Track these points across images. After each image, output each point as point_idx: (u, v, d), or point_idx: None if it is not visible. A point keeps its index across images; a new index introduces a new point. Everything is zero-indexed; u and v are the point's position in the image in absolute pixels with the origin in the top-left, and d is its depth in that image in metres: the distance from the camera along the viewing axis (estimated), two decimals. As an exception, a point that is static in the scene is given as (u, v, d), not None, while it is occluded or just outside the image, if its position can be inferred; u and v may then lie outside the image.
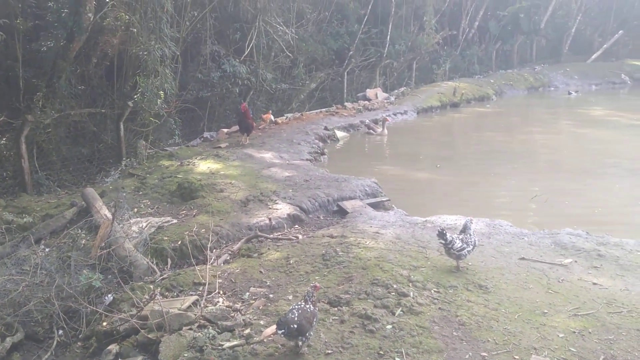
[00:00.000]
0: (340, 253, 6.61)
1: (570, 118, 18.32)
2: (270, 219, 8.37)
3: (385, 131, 15.45)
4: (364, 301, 5.40)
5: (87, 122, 13.71)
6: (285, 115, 18.47)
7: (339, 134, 15.20)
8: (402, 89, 22.65)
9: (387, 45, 24.61)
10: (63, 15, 13.06)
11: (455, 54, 27.97)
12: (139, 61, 13.54)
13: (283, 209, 8.62)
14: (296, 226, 8.39)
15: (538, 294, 5.57)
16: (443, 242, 5.94)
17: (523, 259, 6.42)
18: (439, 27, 26.88)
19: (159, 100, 13.40)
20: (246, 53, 18.31)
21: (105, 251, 7.36)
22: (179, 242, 7.75)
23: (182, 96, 16.69)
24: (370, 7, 23.77)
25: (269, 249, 7.23)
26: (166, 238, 7.86)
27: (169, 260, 7.65)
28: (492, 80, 24.89)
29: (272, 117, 17.18)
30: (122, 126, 13.36)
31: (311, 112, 19.05)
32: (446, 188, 10.53)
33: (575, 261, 6.31)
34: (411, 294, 5.51)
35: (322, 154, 12.99)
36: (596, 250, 6.50)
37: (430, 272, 6.04)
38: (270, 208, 8.69)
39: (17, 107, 12.69)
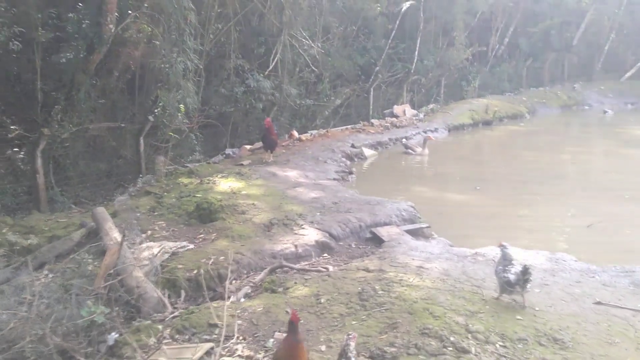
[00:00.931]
0: (380, 292, 5.60)
1: (611, 137, 17.09)
2: (296, 246, 7.40)
3: (427, 151, 14.38)
4: (415, 357, 4.37)
5: (107, 136, 13.00)
6: (310, 132, 17.56)
7: (367, 152, 14.21)
8: (431, 105, 21.63)
9: (414, 60, 23.64)
10: (84, 26, 12.37)
11: (484, 71, 26.88)
12: (161, 74, 12.83)
13: (310, 234, 7.64)
14: (325, 255, 7.40)
15: (627, 351, 4.50)
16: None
17: (600, 303, 5.34)
18: (468, 43, 25.85)
19: (180, 114, 12.65)
20: (270, 67, 17.52)
21: (110, 282, 6.44)
22: (195, 272, 6.80)
23: (205, 111, 15.91)
24: (398, 22, 22.86)
25: (295, 282, 6.24)
26: (180, 266, 6.93)
27: (183, 292, 6.71)
28: (524, 98, 23.74)
29: (296, 134, 16.30)
30: (142, 141, 12.66)
31: (336, 129, 18.11)
32: (489, 213, 9.45)
33: (664, 308, 5.22)
34: (472, 349, 4.46)
35: (350, 173, 12.00)
36: (687, 295, 5.41)
37: (492, 319, 4.99)
38: (296, 233, 7.71)
39: (34, 120, 12.02)
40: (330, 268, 6.68)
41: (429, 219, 8.58)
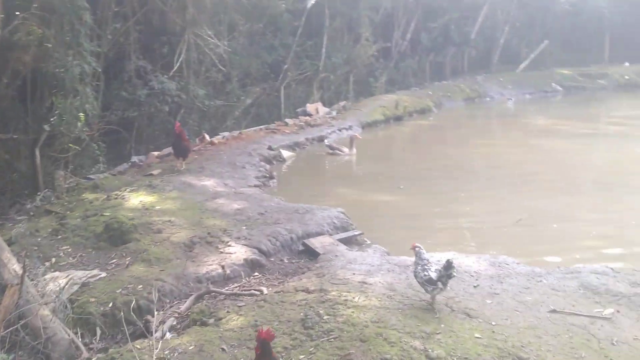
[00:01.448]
0: (325, 317, 5.04)
1: (518, 128, 17.49)
2: (223, 267, 6.69)
3: (354, 150, 13.69)
4: (378, 397, 3.86)
5: (-3, 149, 11.60)
6: (222, 134, 16.72)
7: (285, 153, 13.60)
8: (343, 103, 21.34)
9: (322, 58, 23.29)
10: (-37, 30, 10.93)
11: (390, 66, 27.01)
12: (56, 79, 11.59)
13: (238, 252, 6.95)
14: (256, 274, 6.74)
15: (596, 365, 4.22)
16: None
17: (555, 311, 5.07)
18: (373, 40, 25.85)
19: (79, 122, 11.50)
20: (175, 68, 16.53)
21: (11, 328, 5.47)
22: (110, 305, 5.95)
23: (106, 117, 14.70)
24: (304, 19, 22.38)
25: (228, 311, 5.54)
26: (93, 299, 6.05)
27: (98, 330, 5.84)
28: (430, 92, 24.01)
29: (207, 137, 15.42)
30: (37, 153, 11.42)
31: (250, 129, 17.37)
32: (416, 214, 9.14)
33: (618, 311, 5.01)
34: (440, 381, 4.01)
35: (271, 177, 11.35)
36: (637, 295, 5.23)
37: (450, 340, 4.57)
38: (221, 252, 6.99)
39: None
40: (265, 290, 6.03)
41: (359, 224, 8.14)
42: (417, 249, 5.33)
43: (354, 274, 6.00)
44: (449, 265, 4.98)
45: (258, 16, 21.30)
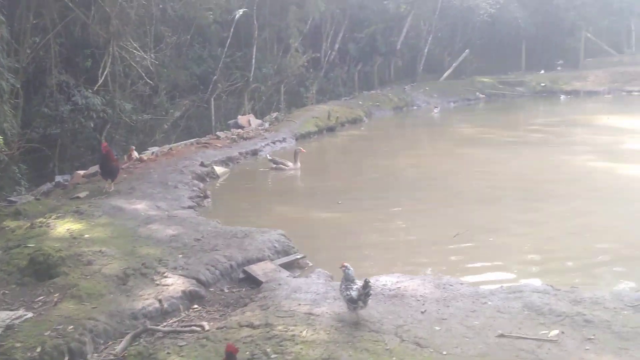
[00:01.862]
0: (272, 355, 4.76)
1: (446, 138, 17.81)
2: (160, 301, 6.28)
3: (299, 164, 13.20)
4: None
5: None
6: (151, 149, 16.10)
7: (219, 169, 13.18)
8: (275, 114, 21.09)
9: (252, 68, 22.97)
10: None
11: (320, 77, 27.04)
12: (-31, 98, 10.75)
13: (175, 284, 6.55)
14: (195, 306, 6.36)
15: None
16: None
17: (503, 336, 5.01)
18: (303, 50, 25.79)
19: (-4, 143, 10.68)
20: (100, 82, 15.75)
21: None
22: (39, 350, 5.42)
23: (26, 135, 13.81)
24: (232, 29, 21.99)
25: (168, 352, 5.15)
26: (19, 344, 5.49)
27: (25, 381, 5.32)
28: (360, 102, 24.17)
29: (136, 154, 14.77)
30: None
31: (180, 143, 16.80)
32: (356, 231, 9.00)
33: (563, 332, 5.02)
34: None
35: (205, 197, 10.92)
36: (579, 314, 5.26)
37: (404, 376, 4.42)
38: (158, 284, 6.57)
39: None
40: (206, 325, 5.67)
41: (300, 246, 7.90)
42: (344, 269, 5.53)
43: (299, 304, 5.76)
44: (366, 285, 5.25)
45: (185, 27, 20.76)
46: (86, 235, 8.01)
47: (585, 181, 11.27)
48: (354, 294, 5.28)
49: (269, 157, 13.69)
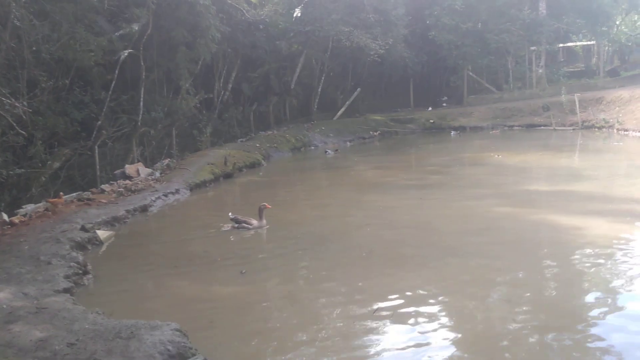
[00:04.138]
0: None
1: (348, 182, 17.01)
2: None
3: (264, 221, 11.49)
4: None
5: None
6: (26, 208, 13.93)
7: (102, 234, 11.38)
8: (166, 161, 19.42)
9: (141, 112, 21.21)
10: None
11: (214, 118, 25.70)
12: None
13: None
14: None
15: None
16: None
17: None
18: (194, 91, 24.39)
19: None
20: (-42, 135, 13.56)
21: None
22: None
23: None
24: (117, 71, 20.18)
25: None
26: None
27: None
28: (257, 144, 23.06)
29: (5, 216, 12.66)
30: None
31: (59, 200, 14.69)
32: (266, 312, 7.67)
33: None
34: None
35: (86, 272, 9.16)
36: None
37: None
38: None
39: None
40: None
41: (200, 341, 6.51)
42: None
43: None
44: None
45: (64, 71, 18.70)
46: None
47: (496, 231, 10.77)
48: None
49: (230, 216, 11.73)
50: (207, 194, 16.32)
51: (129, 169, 17.53)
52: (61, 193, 14.72)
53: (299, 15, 28.47)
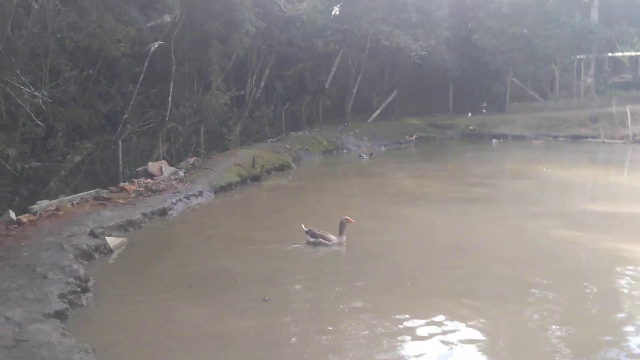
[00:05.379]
0: None
1: (384, 191, 15.45)
2: None
3: (344, 237, 9.90)
4: None
5: None
6: (40, 204, 12.81)
7: (112, 241, 10.10)
8: (192, 160, 18.19)
9: (169, 107, 20.08)
10: None
11: (244, 116, 24.42)
12: None
13: None
14: None
15: None
16: None
17: None
18: (226, 88, 23.15)
19: None
20: (-25, 124, 12.60)
21: None
22: None
23: None
24: (146, 64, 19.06)
25: None
26: None
27: None
28: (288, 146, 21.68)
29: (13, 216, 11.55)
30: None
31: (71, 198, 13.49)
32: (296, 357, 6.29)
33: None
34: None
35: (85, 290, 7.85)
36: None
37: None
38: None
39: None
40: None
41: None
42: None
43: None
44: None
45: (90, 60, 17.59)
46: None
47: (558, 261, 9.14)
48: None
49: (304, 229, 10.08)
50: (232, 198, 15.01)
51: (152, 166, 16.33)
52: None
53: (337, 13, 27.03)
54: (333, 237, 9.90)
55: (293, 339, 6.68)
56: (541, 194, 14.67)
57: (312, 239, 9.93)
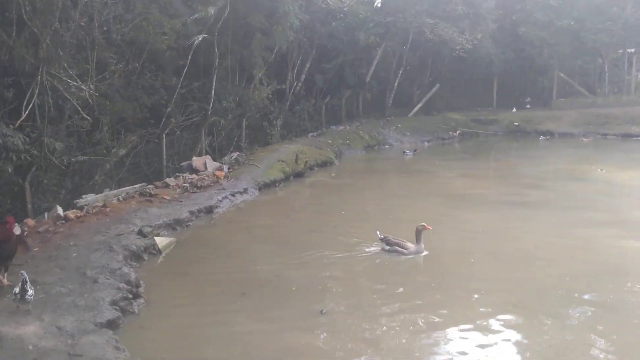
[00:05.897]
0: None
1: (432, 192, 14.83)
2: None
3: (423, 245, 9.29)
4: None
5: None
6: (86, 198, 12.67)
7: (161, 241, 9.82)
8: (235, 154, 17.86)
9: (212, 100, 19.76)
10: None
11: (285, 110, 23.98)
12: None
13: None
14: None
15: None
16: None
17: None
18: (267, 81, 22.74)
19: None
20: (23, 116, 12.52)
21: None
22: None
23: None
24: (190, 57, 18.76)
25: None
26: None
27: None
28: (329, 140, 21.21)
29: (60, 211, 11.38)
30: None
31: (119, 192, 13.33)
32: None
33: None
34: None
35: (137, 296, 7.55)
36: None
37: None
38: None
39: None
40: None
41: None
42: None
43: None
44: None
45: (135, 53, 17.36)
46: None
47: (632, 277, 8.44)
48: None
49: (379, 235, 9.58)
50: (277, 195, 14.64)
51: (196, 161, 16.07)
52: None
53: (379, 5, 26.28)
54: (411, 245, 9.29)
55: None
56: (601, 198, 13.84)
57: (388, 247, 9.37)
